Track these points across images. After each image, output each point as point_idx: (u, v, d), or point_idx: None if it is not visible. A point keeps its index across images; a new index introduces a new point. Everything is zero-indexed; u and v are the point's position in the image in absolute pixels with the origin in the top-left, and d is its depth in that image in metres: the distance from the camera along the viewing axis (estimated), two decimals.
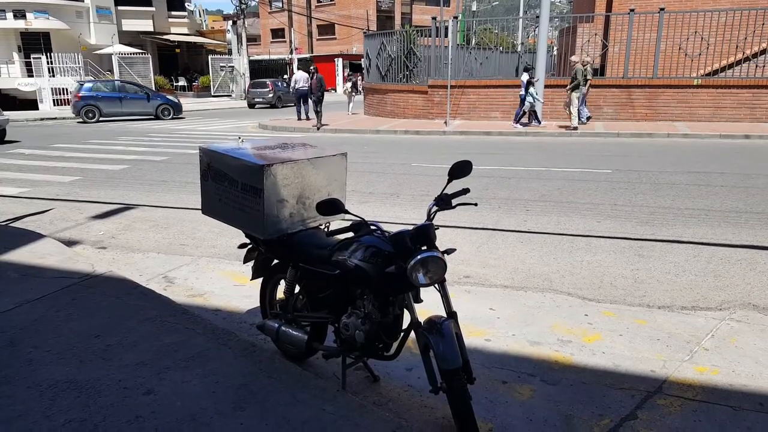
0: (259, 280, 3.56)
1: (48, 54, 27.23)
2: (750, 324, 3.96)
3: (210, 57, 37.35)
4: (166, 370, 3.14)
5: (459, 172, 2.84)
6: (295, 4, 48.49)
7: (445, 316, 2.70)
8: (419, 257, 2.49)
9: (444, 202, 2.80)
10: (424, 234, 2.58)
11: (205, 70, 39.31)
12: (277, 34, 53.38)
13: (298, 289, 3.28)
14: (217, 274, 5.08)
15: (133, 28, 35.67)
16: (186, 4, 41.64)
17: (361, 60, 24.79)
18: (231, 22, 37.88)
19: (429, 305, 2.92)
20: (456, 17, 21.12)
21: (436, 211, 2.78)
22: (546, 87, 16.52)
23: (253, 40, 49.83)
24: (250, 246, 3.50)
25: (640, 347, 3.64)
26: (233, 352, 3.35)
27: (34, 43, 29.69)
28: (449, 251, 2.72)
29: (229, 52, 37.84)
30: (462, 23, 24.92)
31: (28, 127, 20.45)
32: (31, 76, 27.38)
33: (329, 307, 3.05)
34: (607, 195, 7.83)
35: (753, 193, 7.78)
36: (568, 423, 2.87)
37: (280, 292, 3.41)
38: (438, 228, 2.71)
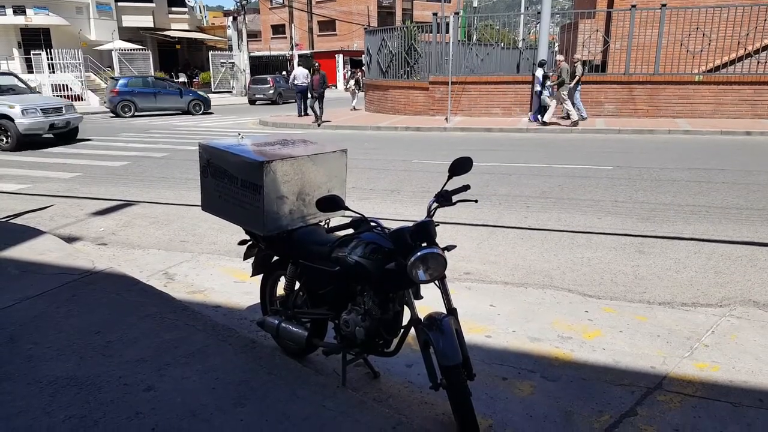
0: (260, 277, 3.56)
1: (48, 50, 27.18)
2: (750, 320, 3.96)
3: (210, 53, 37.28)
4: (166, 366, 3.14)
5: (459, 168, 2.83)
6: (296, 0, 48.40)
7: (445, 312, 2.70)
8: (419, 254, 2.49)
9: (444, 199, 2.79)
10: (425, 230, 2.58)
11: (205, 66, 39.24)
12: (277, 30, 53.29)
13: (298, 285, 3.28)
14: (218, 271, 5.09)
15: (133, 24, 35.59)
16: (186, 0, 41.54)
17: (362, 56, 24.77)
18: (231, 18, 37.81)
19: (429, 302, 2.92)
20: (457, 13, 21.10)
21: (436, 208, 2.78)
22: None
23: (253, 36, 49.74)
24: (250, 243, 3.50)
25: (640, 343, 3.64)
26: (233, 348, 3.35)
27: (34, 40, 29.63)
28: (449, 248, 2.72)
29: (230, 49, 37.77)
30: (463, 19, 24.86)
31: None
32: (31, 73, 27.31)
33: (329, 304, 3.05)
34: (607, 191, 7.83)
35: (754, 189, 7.77)
36: (568, 419, 2.88)
37: (281, 289, 3.41)
38: (438, 224, 2.71)
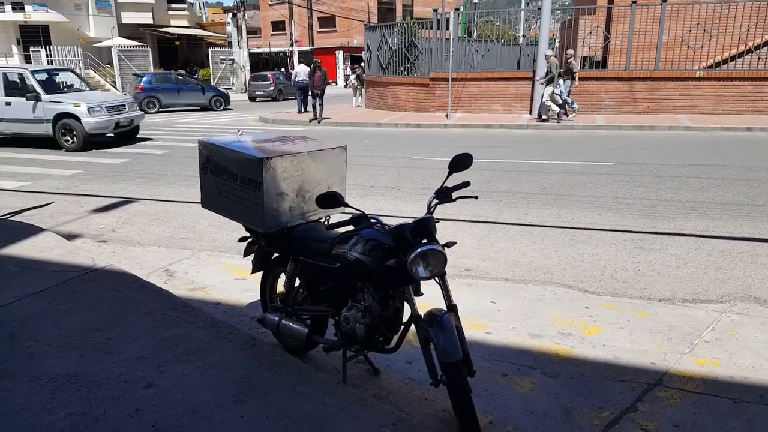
0: (260, 274, 3.56)
1: (47, 47, 27.15)
2: (751, 316, 3.96)
3: (210, 50, 37.21)
4: (166, 363, 3.14)
5: (459, 165, 2.83)
6: None
7: (445, 309, 2.70)
8: (419, 250, 2.49)
9: (444, 195, 2.79)
10: (425, 227, 2.58)
11: (205, 63, 39.18)
12: (277, 26, 53.16)
13: (298, 282, 3.27)
14: (218, 268, 5.08)
15: (132, 20, 35.54)
16: None
17: (362, 53, 24.72)
18: (231, 15, 37.67)
19: (429, 298, 2.92)
20: (457, 9, 21.03)
21: (436, 204, 2.78)
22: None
23: (253, 32, 49.60)
24: (250, 239, 3.50)
25: (640, 340, 3.64)
26: (234, 345, 3.35)
27: (33, 36, 29.59)
28: (449, 244, 2.71)
29: (230, 45, 37.71)
30: (463, 15, 24.78)
31: None
32: None
33: (329, 301, 3.05)
34: (608, 188, 7.82)
35: (754, 185, 7.76)
36: (568, 415, 2.88)
37: (281, 286, 3.41)
38: (438, 221, 2.70)
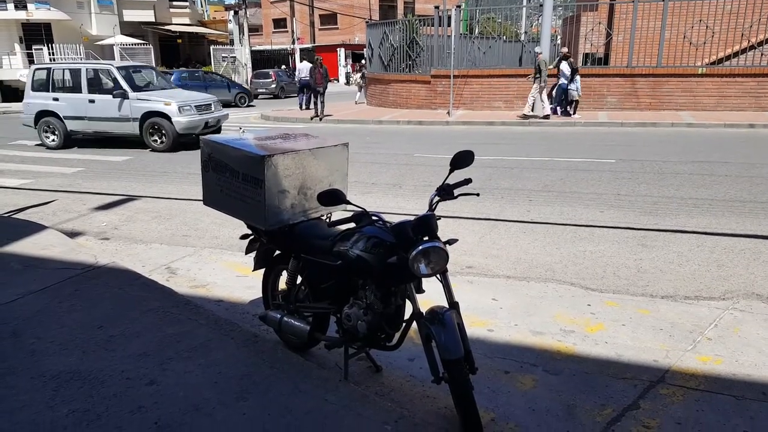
0: (262, 271, 3.56)
1: (49, 45, 27.12)
2: (753, 314, 3.95)
3: (212, 47, 37.21)
4: (168, 360, 3.14)
5: (461, 162, 2.83)
6: None
7: (447, 306, 2.69)
8: (421, 248, 2.49)
9: (446, 192, 2.79)
10: (426, 224, 2.57)
11: (206, 60, 39.15)
12: (278, 23, 53.09)
13: (300, 279, 3.27)
14: (220, 265, 5.09)
15: (134, 18, 35.48)
16: None
17: (364, 50, 24.69)
18: (233, 12, 37.58)
19: (431, 295, 2.91)
20: (459, 6, 21.01)
21: (438, 202, 2.77)
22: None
23: (254, 30, 49.51)
24: (252, 237, 3.50)
25: (642, 337, 3.64)
26: (236, 342, 3.36)
27: (35, 34, 29.55)
28: (451, 241, 2.71)
29: (231, 43, 37.66)
30: (465, 12, 24.75)
31: None
32: None
33: (331, 298, 3.05)
34: (610, 185, 7.80)
35: (757, 182, 7.74)
36: (570, 413, 2.88)
37: (283, 283, 3.41)
38: (440, 218, 2.70)
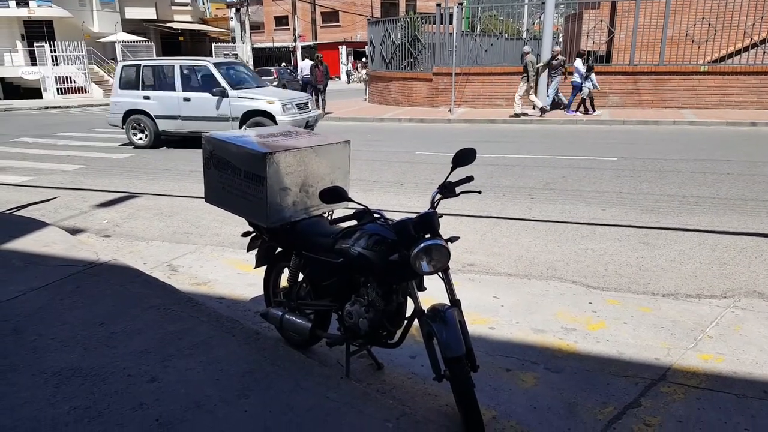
0: (263, 268, 3.57)
1: (51, 42, 27.11)
2: (755, 312, 3.94)
3: (213, 45, 37.10)
4: (170, 357, 3.15)
5: (463, 159, 2.82)
6: None
7: (448, 304, 2.69)
8: (422, 245, 2.48)
9: (448, 190, 2.79)
10: (428, 222, 2.57)
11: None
12: (280, 21, 53.04)
13: (301, 277, 3.28)
14: (221, 263, 5.09)
15: (136, 15, 35.45)
16: None
17: (365, 47, 24.68)
18: (234, 10, 37.49)
19: (432, 293, 2.92)
20: (461, 4, 20.99)
21: (439, 199, 2.77)
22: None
23: (256, 27, 49.47)
24: (254, 234, 3.50)
25: (644, 335, 3.64)
26: (237, 339, 3.36)
27: (37, 32, 29.54)
28: (453, 239, 2.71)
29: (233, 40, 37.50)
30: (467, 10, 24.72)
31: (32, 115, 20.46)
32: (35, 65, 27.28)
33: (333, 295, 3.05)
34: (612, 183, 7.79)
35: (759, 180, 7.73)
36: (571, 411, 2.88)
37: (284, 280, 3.41)
38: (442, 216, 2.70)
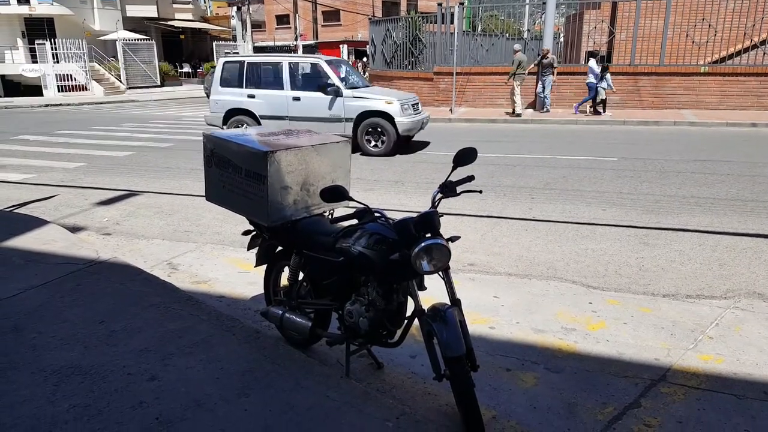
0: (263, 267, 3.56)
1: (52, 40, 27.10)
2: (755, 313, 3.94)
3: (214, 43, 37.09)
4: (170, 356, 3.15)
5: (464, 159, 2.82)
6: None
7: (448, 303, 2.69)
8: (423, 244, 2.48)
9: (449, 190, 2.79)
10: (429, 221, 2.57)
11: (209, 56, 39.09)
12: (281, 20, 52.98)
13: (302, 276, 3.27)
14: (222, 261, 5.09)
15: (137, 13, 35.44)
16: None
17: (366, 47, 24.68)
18: (236, 8, 37.51)
19: (433, 293, 2.91)
20: (462, 3, 20.96)
21: (440, 199, 2.77)
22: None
23: (257, 26, 49.47)
24: (254, 233, 3.50)
25: (644, 335, 3.64)
26: (237, 338, 3.36)
27: (38, 29, 29.54)
28: (453, 239, 2.71)
29: (234, 39, 37.57)
30: (468, 9, 24.69)
31: (32, 113, 20.46)
32: (36, 62, 27.29)
33: (333, 294, 3.05)
34: (612, 183, 7.79)
35: (759, 181, 7.73)
36: (571, 411, 2.88)
37: (285, 279, 3.41)
38: (442, 215, 2.70)
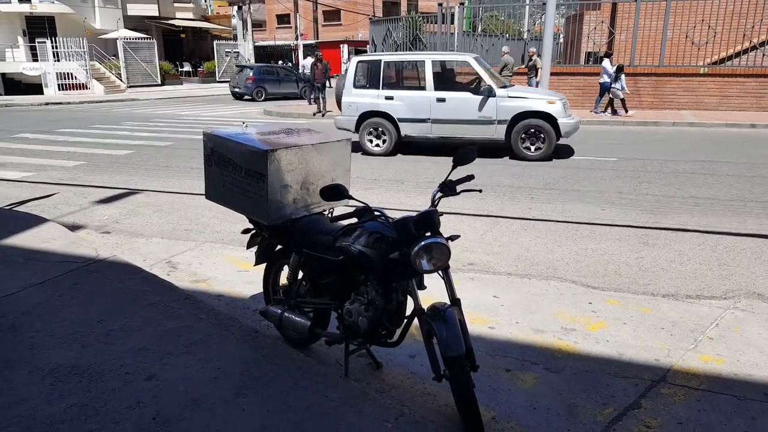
0: (263, 266, 3.55)
1: (53, 38, 27.08)
2: (755, 313, 3.93)
3: (215, 42, 37.06)
4: (168, 355, 3.14)
5: (463, 158, 2.81)
6: None
7: (448, 303, 2.68)
8: (423, 243, 2.47)
9: (448, 189, 2.78)
10: (428, 220, 2.56)
11: (210, 55, 39.09)
12: (282, 19, 52.99)
13: (301, 275, 3.26)
14: (221, 260, 5.08)
15: (138, 12, 35.43)
16: None
17: (367, 46, 24.67)
18: (236, 8, 37.53)
19: (432, 292, 2.90)
20: (462, 3, 20.98)
21: (440, 198, 2.76)
22: (552, 75, 16.32)
23: (258, 25, 49.50)
24: (254, 231, 3.49)
25: (644, 336, 3.63)
26: (236, 337, 3.35)
27: (38, 28, 29.54)
28: (453, 238, 2.70)
29: (235, 38, 37.62)
30: (468, 10, 24.71)
31: (32, 111, 20.44)
32: (36, 61, 27.27)
33: (332, 293, 3.04)
34: (612, 183, 7.79)
35: (758, 182, 7.73)
36: (571, 411, 2.87)
37: (284, 278, 3.40)
38: (442, 214, 2.69)
